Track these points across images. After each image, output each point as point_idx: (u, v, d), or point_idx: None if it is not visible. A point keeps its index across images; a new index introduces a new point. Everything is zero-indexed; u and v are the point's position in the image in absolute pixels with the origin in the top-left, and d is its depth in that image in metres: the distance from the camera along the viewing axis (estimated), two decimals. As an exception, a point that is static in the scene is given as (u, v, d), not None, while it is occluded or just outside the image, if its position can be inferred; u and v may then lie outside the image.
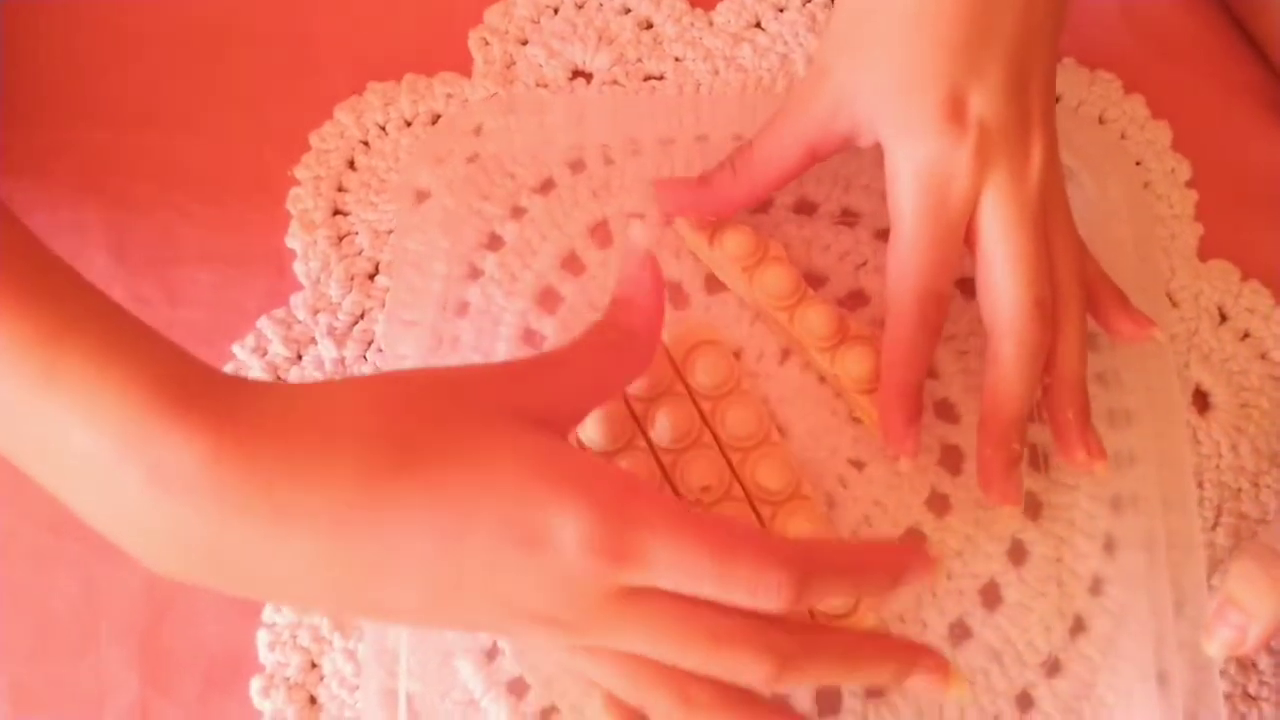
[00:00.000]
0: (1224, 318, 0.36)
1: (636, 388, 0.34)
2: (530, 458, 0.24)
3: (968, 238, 0.31)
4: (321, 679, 0.32)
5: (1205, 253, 0.37)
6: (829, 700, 0.32)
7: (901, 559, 0.26)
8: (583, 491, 0.24)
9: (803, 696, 0.32)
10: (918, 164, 0.30)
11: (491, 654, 0.32)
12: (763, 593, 0.24)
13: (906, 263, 0.30)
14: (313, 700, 0.32)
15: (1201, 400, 0.36)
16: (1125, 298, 0.32)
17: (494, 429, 0.24)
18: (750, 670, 0.25)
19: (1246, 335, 0.36)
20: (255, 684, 0.32)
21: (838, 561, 0.26)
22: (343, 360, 0.36)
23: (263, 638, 0.33)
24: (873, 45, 0.31)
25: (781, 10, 0.41)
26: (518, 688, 0.32)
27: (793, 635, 0.25)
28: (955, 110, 0.29)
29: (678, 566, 0.24)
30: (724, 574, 0.24)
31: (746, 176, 0.33)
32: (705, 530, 0.24)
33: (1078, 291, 0.31)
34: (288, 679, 0.32)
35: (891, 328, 0.31)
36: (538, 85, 0.39)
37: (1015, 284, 0.30)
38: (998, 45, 0.29)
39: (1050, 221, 0.31)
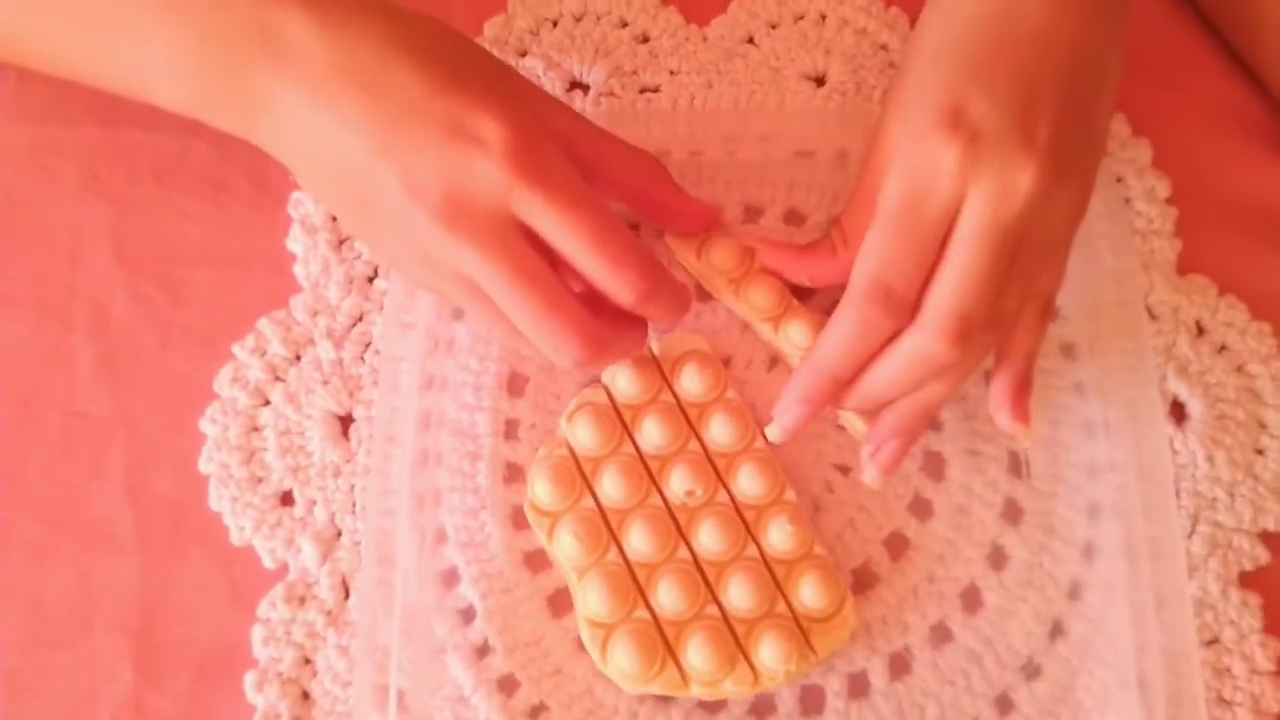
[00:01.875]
0: (1201, 331, 0.37)
1: (626, 395, 0.35)
2: (506, 98, 0.29)
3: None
4: (315, 674, 0.33)
5: (1184, 267, 0.38)
6: (812, 700, 0.33)
7: (688, 304, 0.32)
8: (520, 120, 0.29)
9: (786, 696, 0.32)
10: (908, 158, 0.30)
11: (482, 651, 0.33)
12: (621, 280, 0.29)
13: (867, 249, 0.30)
14: (305, 695, 0.33)
15: (1179, 412, 0.36)
16: (1028, 387, 0.33)
17: (504, 96, 0.29)
18: (566, 349, 0.29)
19: (1223, 348, 0.37)
20: (249, 679, 0.33)
21: (672, 289, 0.31)
22: (341, 362, 0.36)
23: (257, 633, 0.33)
24: (905, 84, 0.32)
25: (774, 27, 0.42)
26: (507, 685, 0.33)
27: (608, 328, 0.30)
28: (954, 115, 0.29)
29: (567, 212, 0.28)
30: (597, 246, 0.29)
31: (845, 250, 0.34)
32: (600, 204, 0.29)
33: (988, 340, 0.31)
34: (281, 674, 0.33)
35: (833, 316, 0.31)
36: (535, 96, 0.40)
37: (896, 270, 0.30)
38: (1009, 70, 0.30)
39: (1018, 257, 0.30)
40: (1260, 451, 0.36)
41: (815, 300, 0.37)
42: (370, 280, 0.37)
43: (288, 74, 0.29)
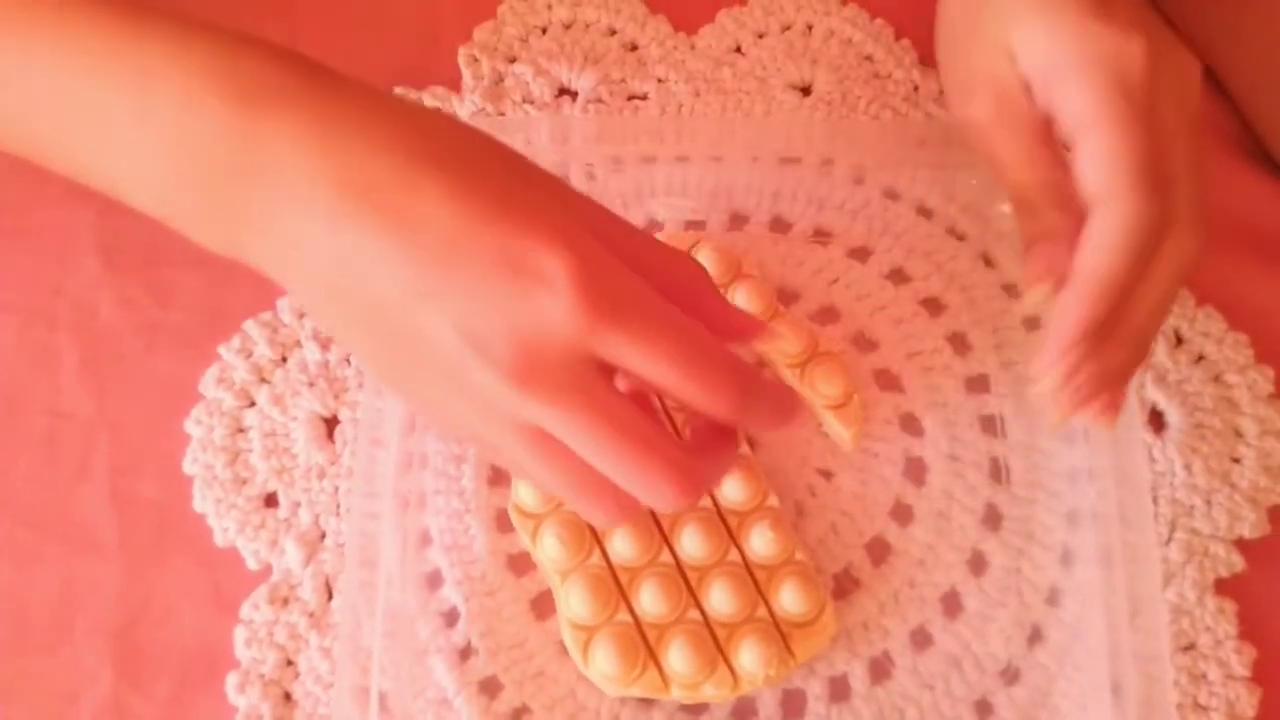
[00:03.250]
0: (1180, 341, 0.38)
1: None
2: (559, 217, 0.25)
3: None
4: (297, 676, 0.33)
5: (1163, 279, 0.39)
6: (793, 704, 0.33)
7: (794, 408, 0.28)
8: (582, 244, 0.24)
9: (768, 700, 0.33)
10: (1087, 54, 0.28)
11: (465, 654, 0.33)
12: (718, 402, 0.25)
13: (1110, 147, 0.27)
14: (288, 697, 0.33)
15: (1157, 420, 0.37)
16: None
17: (548, 209, 0.25)
18: (664, 494, 0.25)
19: (1201, 358, 0.38)
20: (230, 680, 0.33)
21: (770, 394, 0.27)
22: (327, 364, 0.36)
23: (239, 634, 0.33)
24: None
25: (761, 36, 0.42)
26: (490, 688, 0.33)
27: (703, 461, 0.26)
28: (1108, 9, 0.28)
29: (651, 342, 0.24)
30: (687, 371, 0.25)
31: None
32: (679, 319, 0.25)
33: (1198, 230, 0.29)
34: (263, 676, 0.33)
35: (1098, 232, 0.27)
36: (525, 102, 0.40)
37: (1141, 157, 0.27)
38: None
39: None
40: (1236, 460, 0.36)
41: (800, 304, 0.37)
42: (357, 283, 0.38)
43: (287, 195, 0.24)
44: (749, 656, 0.31)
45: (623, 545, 0.33)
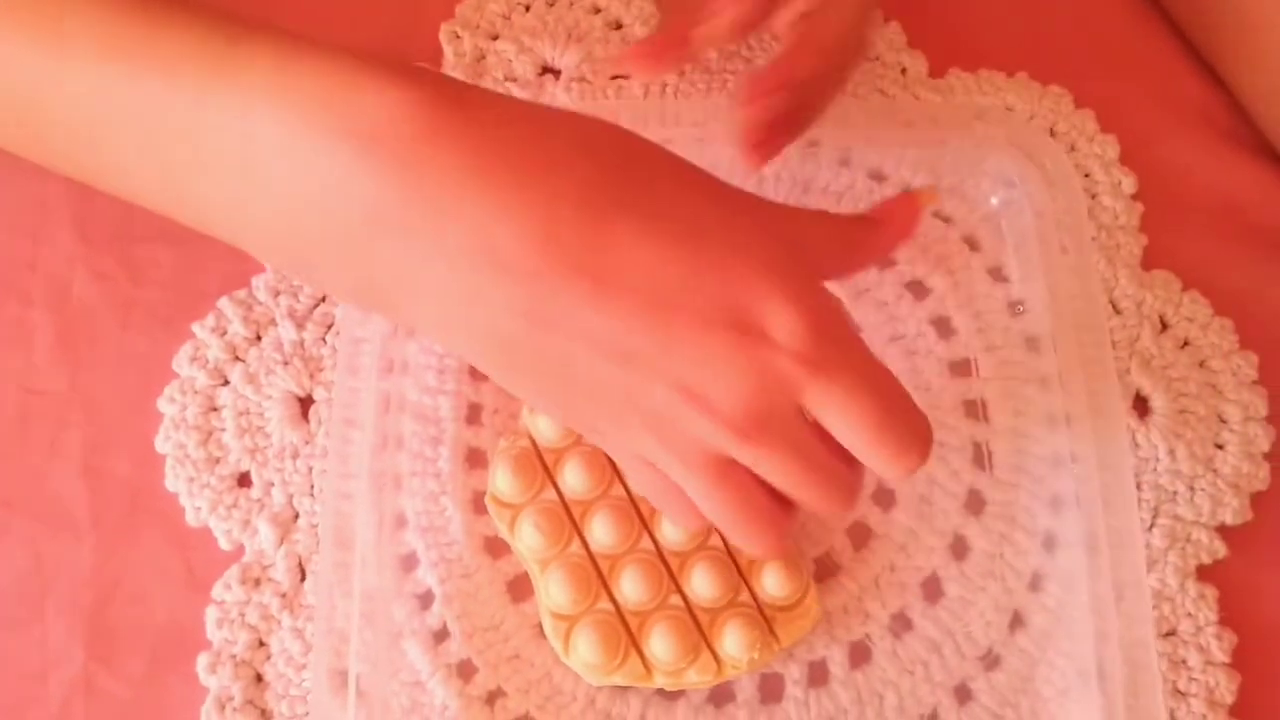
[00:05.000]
0: (1165, 326, 0.38)
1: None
2: (760, 245, 0.24)
3: None
4: (269, 657, 0.32)
5: (1148, 263, 0.38)
6: (772, 688, 0.32)
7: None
8: (804, 291, 0.23)
9: (746, 684, 0.32)
10: None
11: (440, 636, 0.33)
12: (903, 469, 0.25)
13: None
14: (259, 678, 0.32)
15: (1141, 405, 0.37)
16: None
17: (729, 204, 0.24)
18: (840, 507, 0.26)
19: (1186, 343, 0.37)
20: (201, 661, 0.32)
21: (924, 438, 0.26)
22: (302, 343, 0.36)
23: (211, 615, 0.33)
24: None
25: (748, 16, 0.42)
26: (465, 670, 0.32)
27: (861, 473, 0.26)
28: None
29: (856, 401, 0.24)
30: (881, 434, 0.24)
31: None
32: (886, 374, 0.25)
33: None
34: (234, 656, 0.32)
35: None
36: (507, 80, 0.40)
37: None
38: None
39: None
40: (1220, 446, 0.36)
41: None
42: (335, 261, 0.37)
43: (451, 254, 0.22)
44: (732, 641, 0.31)
45: (603, 533, 0.32)
